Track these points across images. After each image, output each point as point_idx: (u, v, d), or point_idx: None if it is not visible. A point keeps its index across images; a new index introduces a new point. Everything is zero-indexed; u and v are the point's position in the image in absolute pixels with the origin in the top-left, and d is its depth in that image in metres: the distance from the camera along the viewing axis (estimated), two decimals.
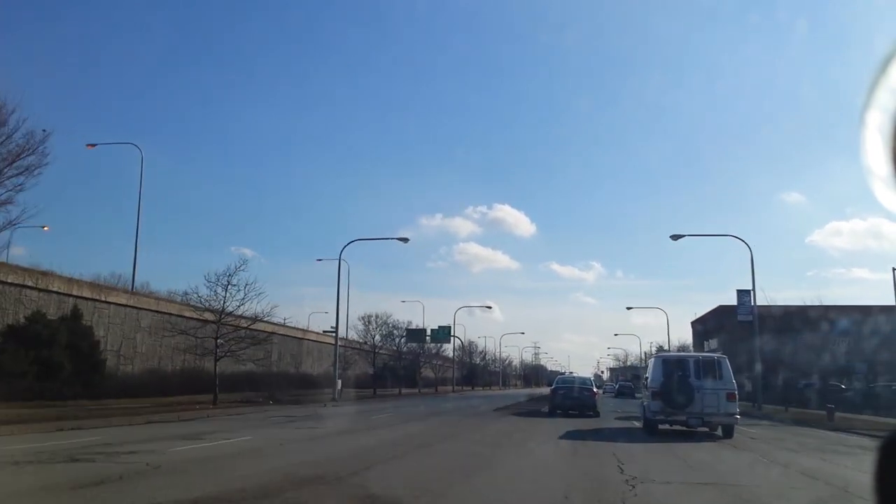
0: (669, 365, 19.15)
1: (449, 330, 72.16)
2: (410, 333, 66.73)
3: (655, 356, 24.33)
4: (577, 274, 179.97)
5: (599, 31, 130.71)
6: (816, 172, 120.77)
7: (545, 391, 56.95)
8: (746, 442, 17.14)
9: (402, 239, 40.84)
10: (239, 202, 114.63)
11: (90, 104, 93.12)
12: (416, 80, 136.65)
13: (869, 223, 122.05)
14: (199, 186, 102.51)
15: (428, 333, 69.79)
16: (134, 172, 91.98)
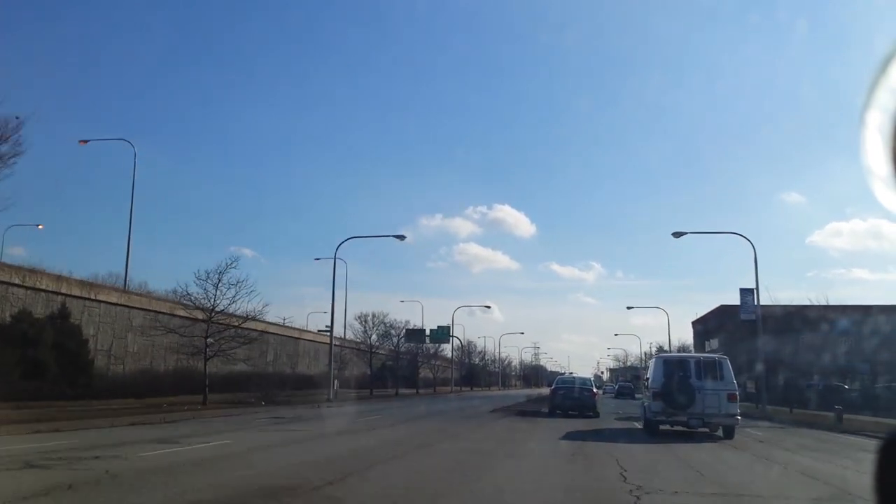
0: (670, 365, 19.10)
1: (448, 330, 71.60)
2: (409, 333, 66.14)
3: (656, 357, 24.30)
4: (576, 274, 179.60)
5: (599, 31, 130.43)
6: (816, 173, 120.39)
7: (545, 392, 56.32)
8: (755, 445, 16.43)
9: (398, 236, 40.27)
10: (239, 202, 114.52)
11: (90, 104, 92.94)
12: (416, 80, 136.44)
13: (869, 223, 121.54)
14: (199, 186, 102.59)
15: (427, 333, 69.28)
16: (133, 171, 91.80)
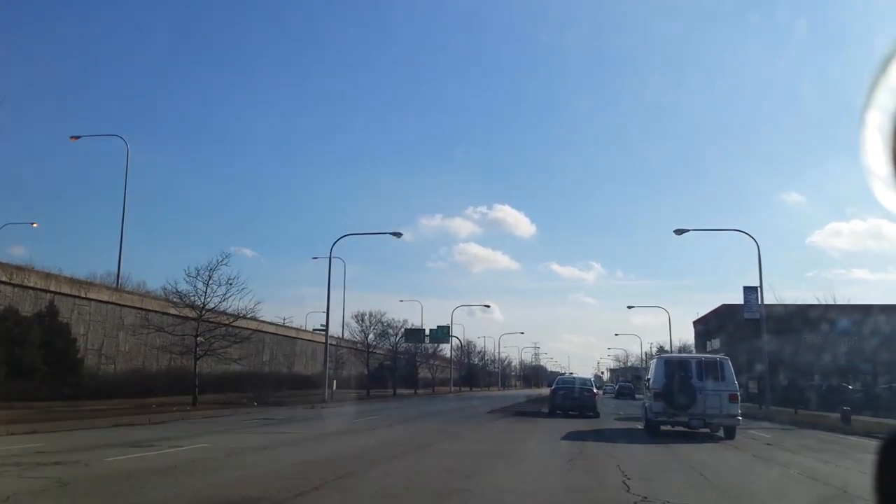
0: (671, 366, 19.08)
1: (448, 330, 70.94)
2: (409, 333, 65.44)
3: (657, 357, 24.16)
4: (576, 274, 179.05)
5: (599, 31, 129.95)
6: (816, 173, 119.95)
7: (545, 392, 55.71)
8: (761, 449, 15.67)
9: (395, 233, 39.66)
10: (239, 202, 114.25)
11: (90, 104, 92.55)
12: (416, 80, 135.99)
13: (869, 224, 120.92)
14: (199, 186, 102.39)
15: (427, 333, 68.65)
16: (133, 171, 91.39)
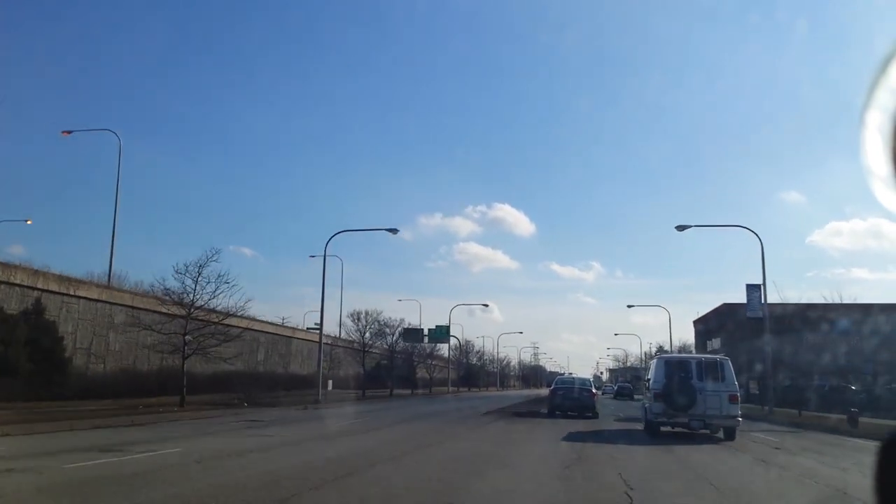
0: (671, 366, 19.04)
1: (447, 329, 70.25)
2: (407, 333, 64.80)
3: (657, 357, 24.00)
4: (576, 274, 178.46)
5: (599, 31, 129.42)
6: (816, 172, 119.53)
7: (543, 392, 55.07)
8: (773, 454, 14.83)
9: (390, 230, 38.91)
10: (239, 202, 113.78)
11: (90, 104, 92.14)
12: (416, 80, 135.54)
13: (869, 223, 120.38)
14: (199, 186, 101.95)
15: (426, 333, 68.03)
16: (133, 171, 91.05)
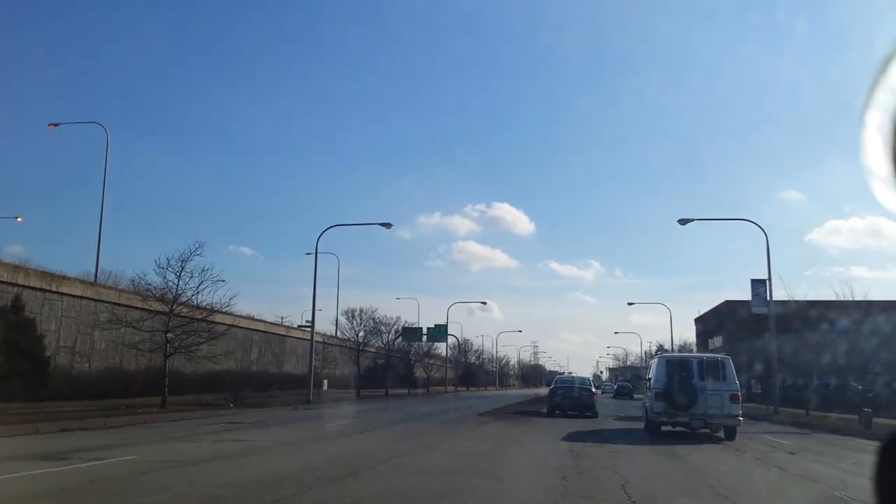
0: (672, 365, 18.95)
1: (446, 328, 69.37)
2: (406, 332, 63.95)
3: (658, 357, 23.82)
4: (575, 273, 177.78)
5: (599, 31, 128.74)
6: (816, 171, 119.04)
7: (543, 392, 54.20)
8: (793, 462, 13.66)
9: (384, 224, 37.94)
10: (239, 202, 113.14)
11: (90, 103, 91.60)
12: (416, 80, 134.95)
13: (868, 221, 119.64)
14: (199, 186, 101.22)
15: (424, 332, 67.20)
16: (133, 171, 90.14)
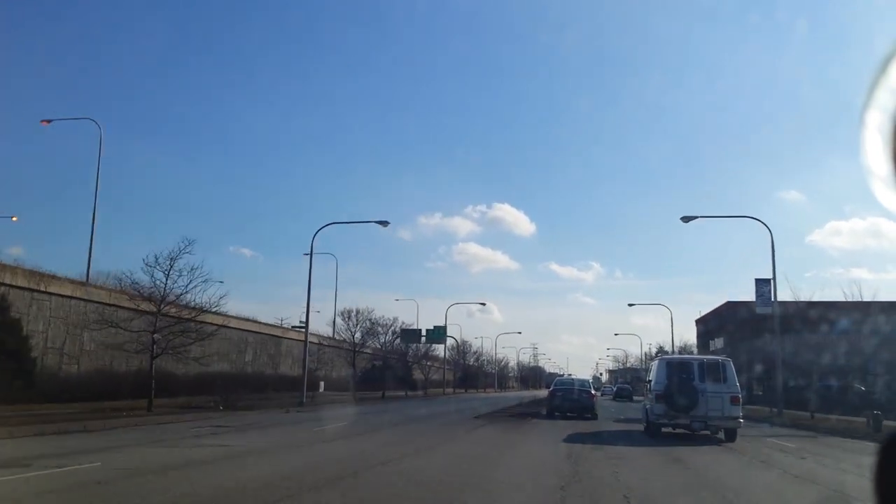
0: (673, 367, 19.03)
1: (445, 330, 69.05)
2: (405, 333, 63.49)
3: (659, 359, 23.87)
4: (576, 274, 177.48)
5: (599, 31, 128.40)
6: (816, 172, 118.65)
7: (542, 394, 53.64)
8: (805, 467, 13.03)
9: (381, 222, 37.47)
10: (239, 202, 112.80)
11: (89, 103, 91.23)
12: (416, 80, 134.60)
13: (868, 222, 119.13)
14: (199, 186, 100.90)
15: (423, 334, 66.77)
16: (133, 171, 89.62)
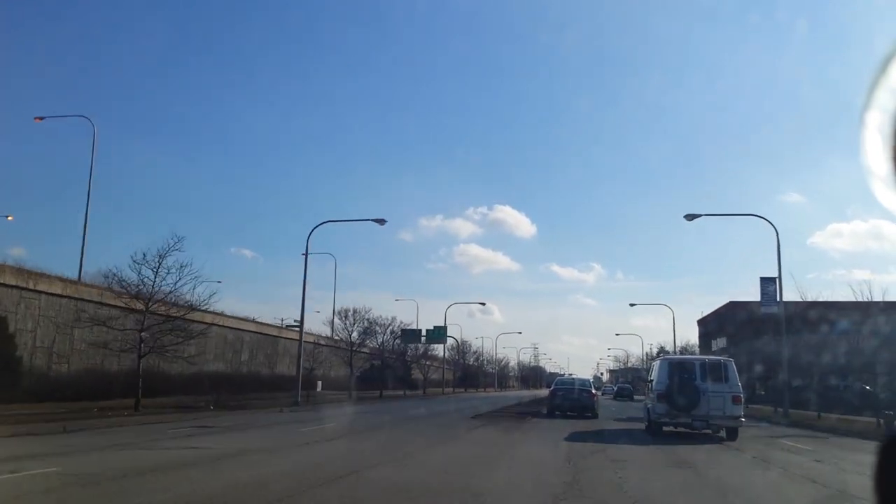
0: (674, 367, 19.18)
1: (445, 330, 68.68)
2: (405, 333, 63.17)
3: (661, 359, 23.90)
4: (577, 275, 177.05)
5: (599, 31, 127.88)
6: (816, 173, 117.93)
7: (542, 393, 53.09)
8: (815, 469, 12.23)
9: (378, 220, 36.72)
10: (239, 202, 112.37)
11: (89, 103, 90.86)
12: (416, 80, 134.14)
13: (870, 224, 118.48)
14: (199, 186, 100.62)
15: (423, 334, 66.39)
16: (133, 171, 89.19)
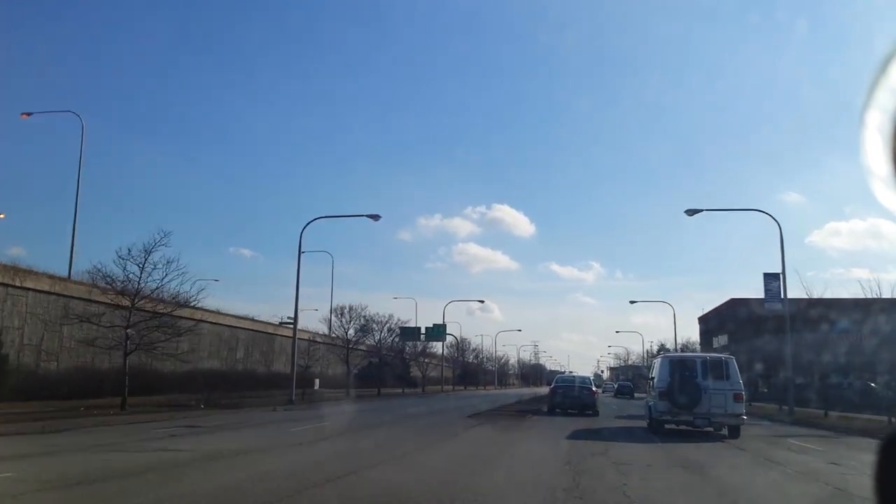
0: (676, 365, 19.03)
1: (444, 328, 68.08)
2: (404, 331, 62.68)
3: (662, 356, 23.61)
4: (576, 274, 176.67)
5: (599, 31, 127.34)
6: (816, 172, 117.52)
7: (542, 391, 52.53)
8: (831, 472, 11.57)
9: (372, 216, 35.99)
10: (239, 202, 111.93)
11: (89, 103, 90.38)
12: (416, 80, 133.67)
13: (868, 223, 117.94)
14: (198, 186, 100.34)
15: (422, 332, 65.86)
16: (133, 171, 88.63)
